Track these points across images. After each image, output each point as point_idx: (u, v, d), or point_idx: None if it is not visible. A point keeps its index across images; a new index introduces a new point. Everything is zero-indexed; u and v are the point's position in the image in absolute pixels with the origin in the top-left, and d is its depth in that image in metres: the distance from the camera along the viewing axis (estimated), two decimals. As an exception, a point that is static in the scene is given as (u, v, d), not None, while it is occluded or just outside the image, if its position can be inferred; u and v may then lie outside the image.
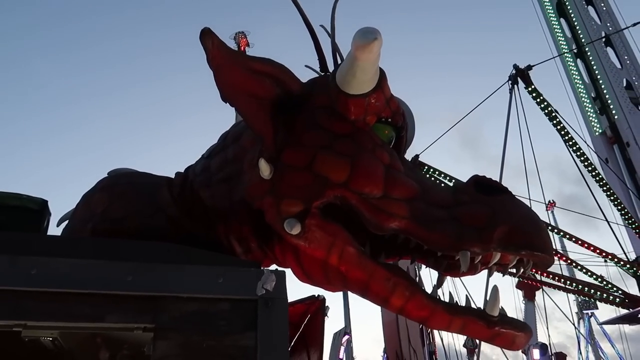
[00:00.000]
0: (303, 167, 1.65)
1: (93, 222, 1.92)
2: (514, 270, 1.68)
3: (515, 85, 12.55)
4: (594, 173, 13.96)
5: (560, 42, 18.03)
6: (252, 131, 1.80)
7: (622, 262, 14.93)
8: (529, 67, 12.60)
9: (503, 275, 1.73)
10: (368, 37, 1.51)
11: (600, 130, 16.78)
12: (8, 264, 1.32)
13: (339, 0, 2.04)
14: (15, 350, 1.70)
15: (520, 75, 12.49)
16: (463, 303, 1.68)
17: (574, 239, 14.67)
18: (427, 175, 15.21)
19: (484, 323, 1.56)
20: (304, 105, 1.78)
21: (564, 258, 15.84)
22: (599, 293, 15.74)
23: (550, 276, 15.35)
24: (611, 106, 16.64)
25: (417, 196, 1.66)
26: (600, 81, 16.99)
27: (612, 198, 14.07)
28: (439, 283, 1.81)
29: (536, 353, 22.20)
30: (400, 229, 1.62)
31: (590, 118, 16.62)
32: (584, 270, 15.66)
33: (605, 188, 13.98)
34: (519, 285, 29.34)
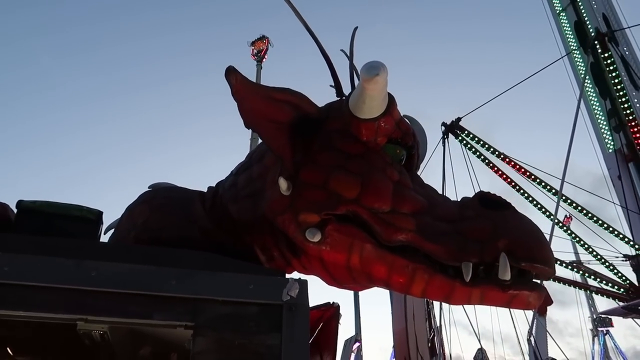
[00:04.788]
0: (319, 184, 1.81)
1: (135, 232, 2.12)
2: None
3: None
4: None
5: (578, 62, 17.98)
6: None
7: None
8: (608, 35, 12.55)
9: None
10: (372, 72, 1.69)
11: (613, 148, 16.71)
12: (74, 266, 1.55)
13: (357, 28, 2.24)
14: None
15: (602, 40, 12.32)
16: None
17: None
18: (464, 140, 14.92)
19: (499, 288, 1.63)
20: (321, 127, 1.94)
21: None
22: (604, 282, 15.69)
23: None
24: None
25: (424, 210, 1.78)
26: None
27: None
28: None
29: (546, 368, 22.20)
30: (407, 241, 1.75)
31: (604, 135, 16.56)
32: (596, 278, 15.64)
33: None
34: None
